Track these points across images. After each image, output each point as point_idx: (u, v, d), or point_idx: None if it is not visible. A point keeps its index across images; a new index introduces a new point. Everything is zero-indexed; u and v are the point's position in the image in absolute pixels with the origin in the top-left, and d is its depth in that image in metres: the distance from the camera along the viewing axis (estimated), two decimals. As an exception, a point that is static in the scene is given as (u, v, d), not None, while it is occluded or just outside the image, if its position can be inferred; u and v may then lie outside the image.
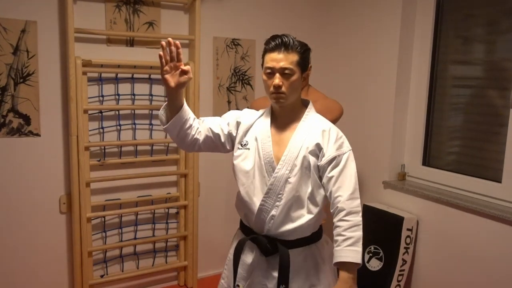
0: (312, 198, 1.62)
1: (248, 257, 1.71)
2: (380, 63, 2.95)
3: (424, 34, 2.80)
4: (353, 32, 3.16)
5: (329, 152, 1.59)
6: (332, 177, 1.57)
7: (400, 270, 2.70)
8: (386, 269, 2.73)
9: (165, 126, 1.64)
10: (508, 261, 2.27)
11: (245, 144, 1.68)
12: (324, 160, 1.59)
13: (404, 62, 2.86)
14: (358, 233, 1.51)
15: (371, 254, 2.83)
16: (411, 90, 2.90)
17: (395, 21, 2.82)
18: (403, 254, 2.69)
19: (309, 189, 1.61)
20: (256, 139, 1.66)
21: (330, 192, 1.57)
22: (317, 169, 1.61)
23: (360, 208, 1.56)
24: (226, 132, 1.71)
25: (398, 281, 2.72)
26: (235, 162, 1.70)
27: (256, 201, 1.63)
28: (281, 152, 1.63)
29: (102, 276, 2.87)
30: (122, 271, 2.96)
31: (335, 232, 1.55)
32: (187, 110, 1.63)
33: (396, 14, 2.81)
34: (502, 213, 2.28)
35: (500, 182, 2.41)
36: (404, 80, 2.88)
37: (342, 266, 1.51)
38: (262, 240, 1.64)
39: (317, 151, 1.61)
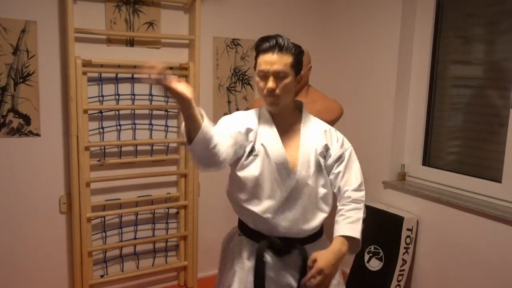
0: (325, 198, 1.65)
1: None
2: (380, 63, 2.95)
3: (424, 34, 2.80)
4: (353, 32, 3.16)
5: (335, 151, 1.64)
6: (339, 172, 1.62)
7: (400, 270, 2.70)
8: (386, 269, 2.73)
9: (190, 145, 1.43)
10: (508, 261, 2.27)
11: (252, 151, 1.62)
12: (331, 160, 1.63)
13: (404, 62, 2.86)
14: (359, 215, 1.56)
15: (371, 254, 2.83)
16: (411, 90, 2.90)
17: (395, 21, 2.82)
18: (403, 254, 2.69)
19: (323, 190, 1.64)
20: (262, 144, 1.61)
21: (339, 187, 1.62)
22: (325, 169, 1.65)
23: (364, 199, 1.61)
24: (241, 142, 1.61)
25: (398, 281, 2.71)
26: (241, 170, 1.62)
27: (268, 204, 1.60)
28: (290, 154, 1.61)
29: (102, 276, 2.87)
30: (122, 271, 2.96)
31: (337, 214, 1.58)
32: (209, 129, 1.43)
33: (396, 14, 2.81)
34: (502, 213, 2.28)
35: (500, 182, 2.41)
36: (404, 80, 2.88)
37: (338, 239, 1.51)
38: (276, 242, 1.63)
39: (325, 152, 1.64)
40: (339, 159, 1.63)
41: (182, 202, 3.01)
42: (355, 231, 1.53)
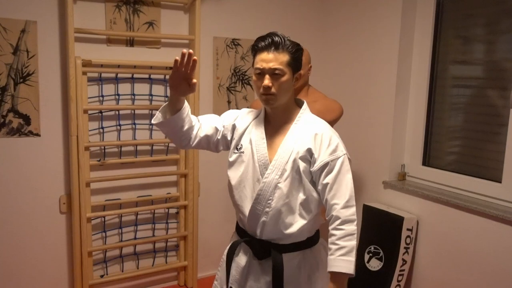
0: (305, 204, 1.57)
1: (242, 260, 1.68)
2: (380, 63, 2.95)
3: (424, 34, 2.80)
4: (353, 32, 3.16)
5: (321, 158, 1.53)
6: (327, 184, 1.52)
7: (400, 270, 2.70)
8: (386, 269, 2.73)
9: (156, 122, 1.60)
10: (508, 261, 2.27)
11: (239, 148, 1.64)
12: (316, 166, 1.53)
13: (404, 62, 2.86)
14: (352, 242, 1.48)
15: (371, 254, 2.83)
16: (411, 90, 2.90)
17: (395, 21, 2.82)
18: (403, 254, 2.69)
19: (302, 196, 1.56)
20: (250, 142, 1.62)
21: (326, 200, 1.53)
22: (309, 175, 1.56)
23: (355, 217, 1.51)
24: (220, 136, 1.68)
25: (398, 281, 2.71)
26: (229, 168, 1.68)
27: (248, 204, 1.60)
28: (273, 155, 1.59)
29: (102, 276, 2.87)
30: (122, 271, 2.96)
31: (330, 240, 1.51)
32: (184, 116, 1.59)
33: (396, 14, 2.81)
34: (502, 213, 2.28)
35: (500, 182, 2.41)
36: (404, 80, 2.88)
37: (334, 274, 1.49)
38: (255, 244, 1.62)
39: (308, 156, 1.55)
40: (326, 167, 1.52)
41: (182, 202, 3.01)
42: (350, 264, 1.47)
